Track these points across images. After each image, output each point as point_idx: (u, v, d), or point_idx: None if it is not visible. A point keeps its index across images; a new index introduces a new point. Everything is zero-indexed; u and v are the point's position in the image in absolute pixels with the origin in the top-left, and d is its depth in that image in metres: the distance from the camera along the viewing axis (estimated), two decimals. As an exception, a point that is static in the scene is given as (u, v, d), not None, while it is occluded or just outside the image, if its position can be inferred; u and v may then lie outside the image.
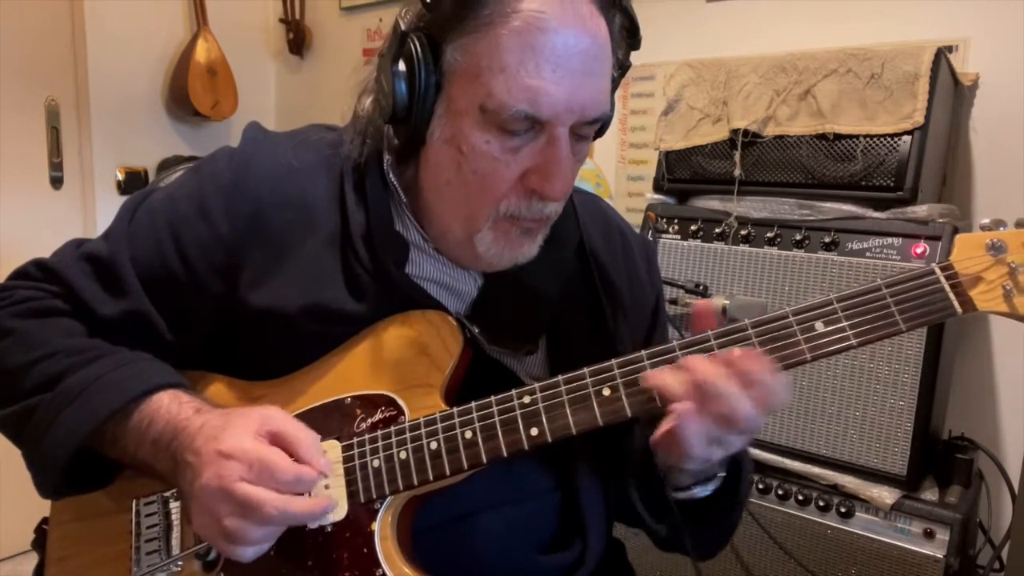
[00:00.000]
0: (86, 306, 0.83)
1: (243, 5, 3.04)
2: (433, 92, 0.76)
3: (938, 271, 0.68)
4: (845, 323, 0.68)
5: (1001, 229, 0.67)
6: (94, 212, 2.67)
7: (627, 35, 0.81)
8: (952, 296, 0.67)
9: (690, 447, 0.70)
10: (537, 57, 0.71)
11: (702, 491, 0.82)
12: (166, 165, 2.80)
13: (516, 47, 0.71)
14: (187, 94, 2.74)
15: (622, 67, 0.82)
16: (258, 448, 0.69)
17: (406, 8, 0.78)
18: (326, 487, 0.74)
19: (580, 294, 0.92)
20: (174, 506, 0.80)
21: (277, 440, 0.71)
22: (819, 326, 0.69)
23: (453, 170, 0.78)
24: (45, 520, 0.91)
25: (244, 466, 0.68)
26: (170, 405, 0.77)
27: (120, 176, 2.74)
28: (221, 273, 0.82)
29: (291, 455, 0.71)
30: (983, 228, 0.68)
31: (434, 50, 0.75)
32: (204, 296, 0.83)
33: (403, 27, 0.76)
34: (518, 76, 0.71)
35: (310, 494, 0.72)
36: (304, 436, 0.72)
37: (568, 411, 0.72)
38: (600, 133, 0.83)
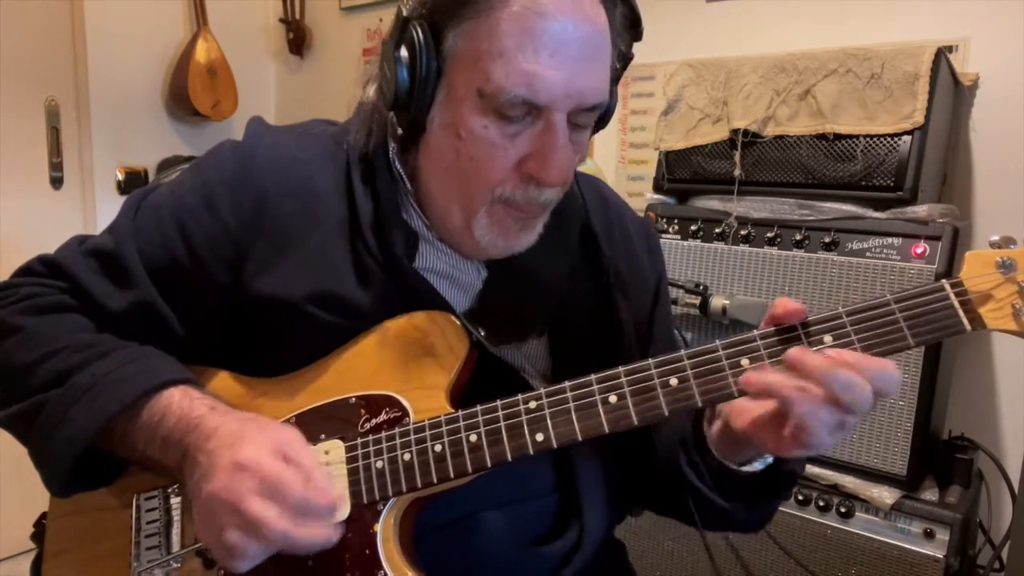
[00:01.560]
0: (93, 301, 0.83)
1: (243, 5, 3.04)
2: (434, 78, 0.76)
3: (948, 288, 0.67)
4: (853, 337, 0.68)
5: (1011, 247, 0.67)
6: (94, 212, 2.67)
7: (628, 25, 0.81)
8: (962, 313, 0.66)
9: (817, 438, 0.66)
10: (535, 42, 0.71)
11: (759, 464, 0.80)
12: (166, 165, 2.80)
13: (514, 31, 0.71)
14: (187, 94, 2.74)
15: (624, 58, 0.82)
16: (273, 465, 0.68)
17: None
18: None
19: (583, 280, 0.92)
20: (175, 501, 0.80)
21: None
22: (828, 339, 0.68)
23: (452, 156, 0.77)
24: (45, 515, 0.90)
25: (257, 480, 0.67)
26: (181, 401, 0.76)
27: (120, 176, 2.74)
28: (228, 264, 0.82)
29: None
30: (993, 245, 0.67)
31: (435, 36, 0.75)
32: (211, 288, 0.82)
33: (405, 13, 0.77)
34: (516, 60, 0.71)
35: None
36: (315, 470, 0.71)
37: (574, 418, 0.72)
38: (601, 125, 0.83)
